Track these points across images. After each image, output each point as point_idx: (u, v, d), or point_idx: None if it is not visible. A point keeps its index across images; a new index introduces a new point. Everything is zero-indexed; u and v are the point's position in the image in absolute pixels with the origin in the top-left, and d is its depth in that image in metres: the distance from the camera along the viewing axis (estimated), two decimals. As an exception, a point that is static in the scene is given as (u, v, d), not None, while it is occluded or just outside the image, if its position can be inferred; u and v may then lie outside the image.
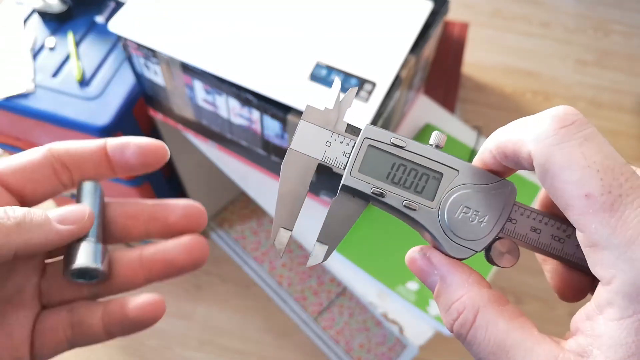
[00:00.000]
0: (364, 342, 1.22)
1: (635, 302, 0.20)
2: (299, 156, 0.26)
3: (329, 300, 1.27)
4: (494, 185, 0.26)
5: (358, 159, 0.26)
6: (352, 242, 0.89)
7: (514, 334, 0.22)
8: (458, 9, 1.82)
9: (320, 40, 0.73)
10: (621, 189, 0.20)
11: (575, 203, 0.21)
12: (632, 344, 0.20)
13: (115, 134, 0.89)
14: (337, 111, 0.27)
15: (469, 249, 0.25)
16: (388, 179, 0.26)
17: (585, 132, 0.21)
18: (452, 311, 0.24)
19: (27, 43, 0.94)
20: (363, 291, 0.88)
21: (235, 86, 0.72)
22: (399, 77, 0.71)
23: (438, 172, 0.26)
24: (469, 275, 0.25)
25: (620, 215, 0.20)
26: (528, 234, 0.26)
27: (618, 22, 1.91)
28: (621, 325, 0.20)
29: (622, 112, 1.72)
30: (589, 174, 0.21)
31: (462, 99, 1.64)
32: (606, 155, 0.21)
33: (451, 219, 0.25)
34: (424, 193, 0.26)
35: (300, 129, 0.27)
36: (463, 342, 0.24)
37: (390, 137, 0.26)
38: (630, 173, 0.21)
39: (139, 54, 0.78)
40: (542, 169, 0.22)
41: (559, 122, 0.22)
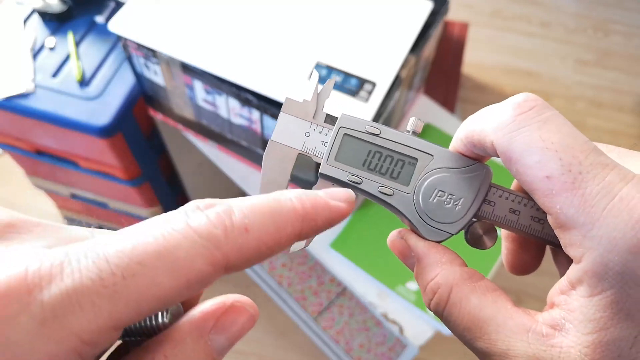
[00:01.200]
0: (364, 342, 1.22)
1: (603, 280, 0.20)
2: (280, 147, 0.27)
3: (329, 300, 1.27)
4: (469, 168, 0.26)
5: (334, 147, 0.27)
6: (352, 242, 0.89)
7: (486, 309, 0.23)
8: (458, 9, 1.82)
9: (320, 40, 0.73)
10: (581, 166, 0.20)
11: (539, 186, 0.21)
12: (600, 319, 0.20)
13: (116, 134, 0.89)
14: (315, 102, 0.27)
15: (444, 231, 0.26)
16: (364, 166, 0.27)
17: (544, 116, 0.22)
18: (428, 291, 0.25)
19: (27, 43, 0.94)
20: (363, 291, 0.88)
21: (235, 86, 0.72)
22: (399, 77, 0.71)
23: (413, 157, 0.26)
24: (442, 255, 0.25)
25: (583, 192, 0.20)
26: (507, 215, 0.26)
27: (618, 22, 1.91)
28: (590, 301, 0.20)
29: (622, 112, 1.72)
30: (547, 155, 0.21)
31: (462, 99, 1.64)
32: (565, 135, 0.21)
33: (426, 202, 0.26)
34: (400, 178, 0.26)
35: (280, 120, 0.27)
36: (441, 318, 0.24)
37: (366, 125, 0.27)
38: (590, 150, 0.21)
39: (139, 54, 0.78)
40: (505, 157, 0.22)
41: (517, 108, 0.22)
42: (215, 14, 0.75)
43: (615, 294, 0.20)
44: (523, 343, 0.21)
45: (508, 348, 0.22)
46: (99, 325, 0.16)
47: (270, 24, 0.75)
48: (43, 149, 1.03)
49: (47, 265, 0.16)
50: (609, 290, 0.20)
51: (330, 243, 0.90)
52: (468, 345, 0.24)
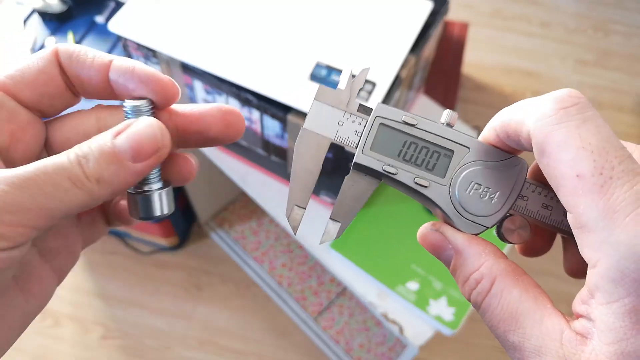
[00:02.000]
0: (364, 342, 1.22)
1: (620, 287, 0.20)
2: (312, 135, 0.27)
3: (329, 300, 1.27)
4: (505, 162, 0.26)
5: (370, 137, 0.26)
6: (352, 242, 0.89)
7: (526, 303, 0.23)
8: (458, 9, 1.82)
9: (320, 40, 0.73)
10: (613, 171, 0.20)
11: (567, 183, 0.21)
12: (620, 329, 0.20)
13: (115, 134, 0.89)
14: (349, 91, 0.27)
15: (480, 224, 0.26)
16: (400, 156, 0.26)
17: (585, 115, 0.22)
18: (471, 281, 0.25)
19: (27, 43, 0.94)
20: (363, 291, 0.88)
21: (235, 86, 0.72)
22: (399, 77, 0.71)
23: (449, 149, 0.26)
24: (485, 247, 0.25)
25: (609, 197, 0.20)
26: (540, 210, 0.26)
27: (618, 22, 1.91)
28: (609, 309, 0.20)
29: (622, 112, 1.72)
30: (582, 154, 0.21)
31: (462, 99, 1.64)
32: (603, 138, 0.21)
33: (462, 195, 0.26)
34: (435, 170, 0.26)
35: (313, 108, 0.27)
36: (478, 309, 0.25)
37: (402, 116, 0.26)
38: (624, 157, 0.21)
39: (139, 54, 0.78)
40: (539, 148, 0.22)
41: (559, 103, 0.22)
42: (215, 14, 0.75)
43: (633, 302, 0.20)
44: (556, 344, 0.22)
45: (541, 345, 0.22)
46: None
47: (270, 24, 0.75)
48: (43, 149, 1.03)
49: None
50: (626, 298, 0.20)
51: (330, 243, 0.90)
52: (500, 337, 0.24)
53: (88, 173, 0.22)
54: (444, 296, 0.85)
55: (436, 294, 0.85)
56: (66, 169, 0.21)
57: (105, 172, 0.22)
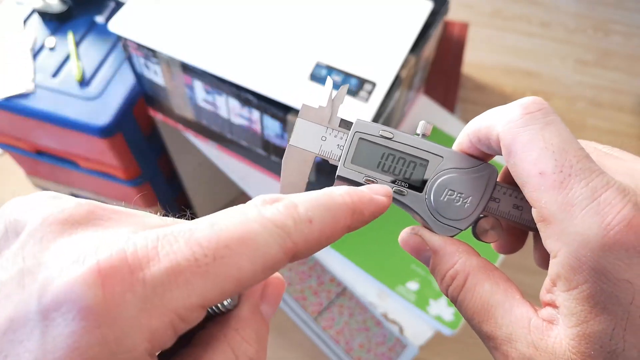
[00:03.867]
0: (364, 342, 1.22)
1: (578, 274, 0.21)
2: (298, 151, 0.29)
3: (329, 300, 1.27)
4: (476, 168, 0.28)
5: (350, 151, 0.28)
6: (352, 242, 0.89)
7: (496, 295, 0.25)
8: (458, 9, 1.82)
9: (320, 40, 0.73)
10: (571, 169, 0.22)
11: (531, 180, 0.23)
12: (580, 313, 0.22)
13: (115, 134, 0.89)
14: (330, 108, 0.29)
15: (455, 227, 0.28)
16: (379, 167, 0.28)
17: (548, 119, 0.24)
18: (447, 278, 0.26)
19: (27, 43, 0.94)
20: (363, 291, 0.88)
21: (235, 86, 0.72)
22: (399, 77, 0.71)
23: (424, 159, 0.28)
24: (459, 246, 0.27)
25: (568, 192, 0.22)
26: (511, 211, 0.28)
27: (618, 22, 1.91)
28: (570, 295, 0.22)
29: (622, 112, 1.72)
30: (545, 154, 0.23)
31: (462, 99, 1.64)
32: (563, 139, 0.23)
33: (437, 201, 0.28)
34: (412, 179, 0.28)
35: (298, 126, 0.29)
36: (455, 303, 0.26)
37: (379, 130, 0.28)
38: (583, 156, 0.23)
39: (139, 54, 0.78)
40: (507, 149, 0.24)
41: (525, 108, 0.24)
42: (215, 14, 0.75)
43: (590, 288, 0.21)
44: (524, 331, 0.23)
45: (511, 333, 0.24)
46: (191, 303, 0.18)
47: (270, 24, 0.75)
48: (43, 149, 1.03)
49: (142, 247, 0.18)
50: (584, 285, 0.21)
51: (330, 243, 0.90)
52: (476, 328, 0.25)
53: None
54: (444, 296, 0.85)
55: (436, 294, 0.85)
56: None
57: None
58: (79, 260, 0.17)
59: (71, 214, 0.19)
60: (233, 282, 0.18)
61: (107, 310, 0.16)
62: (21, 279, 0.17)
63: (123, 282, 0.17)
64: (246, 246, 0.18)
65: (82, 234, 0.19)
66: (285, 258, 0.19)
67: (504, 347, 0.24)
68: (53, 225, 0.19)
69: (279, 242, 0.19)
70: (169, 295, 0.17)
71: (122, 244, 0.18)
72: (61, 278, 0.17)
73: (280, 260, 0.19)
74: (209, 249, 0.18)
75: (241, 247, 0.18)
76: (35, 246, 0.18)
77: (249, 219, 0.19)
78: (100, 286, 0.17)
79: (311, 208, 0.20)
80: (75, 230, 0.19)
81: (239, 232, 0.19)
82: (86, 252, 0.17)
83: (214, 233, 0.18)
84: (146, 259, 0.17)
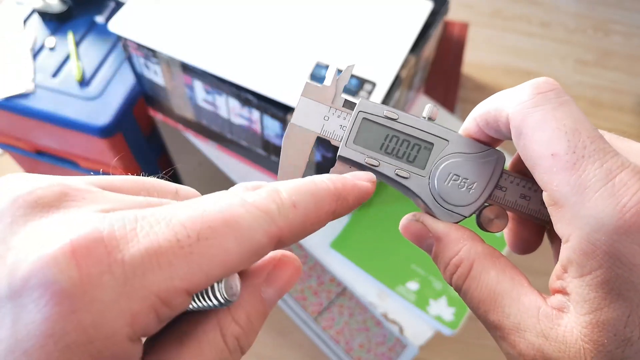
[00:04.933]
0: (364, 342, 1.22)
1: (591, 259, 0.20)
2: (299, 130, 0.28)
3: (329, 300, 1.27)
4: (483, 154, 0.27)
5: (353, 131, 0.27)
6: (352, 242, 0.89)
7: (504, 283, 0.24)
8: (458, 9, 1.82)
9: (320, 40, 0.73)
10: (585, 150, 0.21)
11: (542, 162, 0.22)
12: (594, 300, 0.21)
13: (115, 134, 0.89)
14: (334, 87, 0.28)
15: (458, 214, 0.27)
16: (382, 149, 0.27)
17: (561, 99, 0.23)
18: (451, 266, 0.25)
19: (27, 43, 0.94)
20: (363, 291, 0.87)
21: (235, 86, 0.72)
22: (399, 77, 0.71)
23: (429, 142, 0.27)
24: (464, 233, 0.26)
25: (581, 174, 0.21)
26: (517, 200, 0.27)
27: (618, 22, 1.91)
28: (583, 281, 0.21)
29: (622, 112, 1.72)
30: (557, 134, 0.22)
31: (462, 99, 1.64)
32: (577, 120, 0.22)
33: (441, 186, 0.27)
34: (416, 162, 0.27)
35: (300, 104, 0.28)
36: (459, 292, 0.25)
37: (384, 110, 0.27)
38: (596, 137, 0.22)
39: (139, 54, 0.78)
40: (517, 131, 0.23)
41: (537, 89, 0.23)
42: (215, 14, 0.75)
43: (605, 273, 0.20)
44: (533, 320, 0.22)
45: (519, 322, 0.23)
46: (175, 285, 0.17)
47: (270, 24, 0.75)
48: (43, 149, 1.03)
49: (120, 227, 0.17)
50: (598, 270, 0.20)
51: (330, 243, 0.90)
52: (481, 318, 0.24)
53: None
54: (444, 296, 0.85)
55: (436, 294, 0.85)
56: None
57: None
58: (50, 241, 0.16)
59: (42, 196, 0.18)
60: (218, 265, 0.17)
61: (83, 293, 0.15)
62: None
63: (100, 262, 0.16)
64: (231, 228, 0.18)
65: (54, 215, 0.17)
66: (270, 243, 0.19)
67: (512, 336, 0.23)
68: (23, 208, 0.17)
69: (264, 226, 0.18)
70: (151, 277, 0.16)
71: (96, 223, 0.17)
72: (31, 260, 0.16)
73: (264, 245, 0.19)
74: (192, 230, 0.17)
75: (226, 229, 0.17)
76: (4, 230, 0.17)
77: (232, 203, 0.18)
78: (74, 267, 0.15)
79: (295, 193, 0.20)
80: (47, 213, 0.17)
81: (223, 214, 0.18)
82: (58, 233, 0.16)
83: (197, 214, 0.18)
84: (124, 239, 0.16)
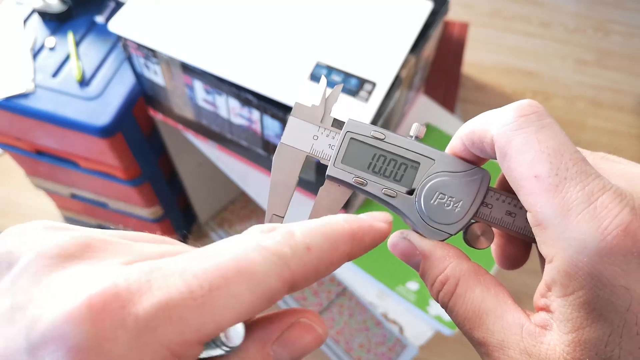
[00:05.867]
0: (364, 342, 1.22)
1: (574, 280, 0.21)
2: (289, 149, 0.29)
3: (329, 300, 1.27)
4: (468, 172, 0.27)
5: (341, 151, 0.28)
6: (352, 242, 0.89)
7: (488, 301, 0.24)
8: (458, 9, 1.82)
9: (320, 40, 0.73)
10: (567, 172, 0.22)
11: (526, 184, 0.23)
12: (576, 319, 0.21)
13: (116, 134, 0.89)
14: (323, 107, 0.29)
15: (444, 232, 0.27)
16: (369, 168, 0.28)
17: (543, 122, 0.23)
18: (437, 283, 0.26)
19: (27, 43, 0.94)
20: (363, 291, 0.88)
21: (235, 86, 0.72)
22: (399, 77, 0.71)
23: (415, 161, 0.28)
24: (449, 250, 0.26)
25: (564, 196, 0.21)
26: (503, 217, 0.27)
27: (618, 22, 1.91)
28: (566, 301, 0.21)
29: (622, 112, 1.72)
30: (540, 157, 0.22)
31: (462, 99, 1.64)
32: (559, 142, 0.22)
33: (427, 204, 0.27)
34: (403, 181, 0.28)
35: (290, 124, 0.29)
36: (446, 309, 0.26)
37: (371, 130, 0.28)
38: (579, 159, 0.22)
39: (139, 54, 0.78)
40: (502, 152, 0.24)
41: (520, 111, 0.23)
42: (215, 14, 0.75)
43: (587, 294, 0.21)
44: (517, 337, 0.23)
45: (503, 340, 0.23)
46: (186, 338, 0.17)
47: (270, 24, 0.75)
48: (43, 149, 1.03)
49: (135, 281, 0.17)
50: (580, 291, 0.21)
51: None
52: (467, 335, 0.25)
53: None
54: (444, 296, 0.85)
55: (436, 294, 0.86)
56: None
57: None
58: (70, 295, 0.16)
59: (66, 247, 0.18)
60: (231, 313, 0.17)
61: (97, 348, 0.16)
62: (12, 315, 0.17)
63: (114, 317, 0.16)
64: (244, 276, 0.18)
65: (76, 267, 0.18)
66: (284, 288, 0.19)
67: (496, 353, 0.23)
68: (47, 259, 0.18)
69: (277, 271, 0.18)
70: (162, 330, 0.16)
71: (114, 278, 0.17)
72: (50, 314, 0.16)
73: (278, 290, 0.18)
74: (205, 280, 0.17)
75: (239, 277, 0.18)
76: (28, 280, 0.17)
77: (247, 248, 0.18)
78: (90, 322, 0.16)
79: (309, 235, 0.20)
80: (70, 264, 0.18)
81: (237, 262, 0.18)
82: (78, 287, 0.17)
83: (210, 264, 0.18)
84: (139, 293, 0.17)
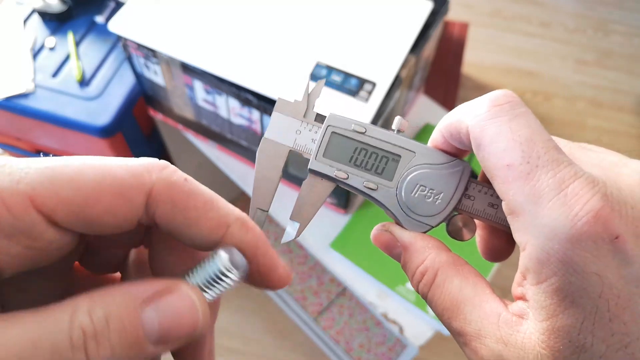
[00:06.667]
0: (364, 342, 1.22)
1: (546, 267, 0.21)
2: (272, 144, 0.29)
3: (329, 300, 1.27)
4: (449, 164, 0.27)
5: (322, 145, 0.28)
6: (352, 242, 0.89)
7: (466, 290, 0.24)
8: (458, 9, 1.82)
9: (320, 40, 0.73)
10: (539, 160, 0.22)
11: (499, 173, 0.23)
12: (550, 307, 0.21)
13: (116, 134, 0.89)
14: (306, 102, 0.29)
15: (425, 224, 0.27)
16: (351, 162, 0.28)
17: (517, 111, 0.23)
18: (417, 274, 0.26)
19: (27, 43, 0.94)
20: (363, 291, 0.87)
21: (235, 86, 0.72)
22: (399, 77, 0.71)
23: (396, 154, 0.28)
24: (429, 242, 0.27)
25: (535, 183, 0.21)
26: (485, 209, 0.27)
27: (618, 22, 1.91)
28: (539, 289, 0.22)
29: (622, 112, 1.72)
30: (512, 145, 0.22)
31: (462, 99, 1.64)
32: (532, 131, 0.22)
33: (408, 197, 0.27)
34: (384, 174, 0.28)
35: (273, 119, 0.29)
36: (426, 300, 0.26)
37: (352, 124, 0.28)
38: (551, 147, 0.22)
39: (139, 54, 0.78)
40: (476, 142, 0.24)
41: (494, 101, 0.24)
42: (215, 14, 0.75)
43: (559, 281, 0.21)
44: (493, 326, 0.23)
45: (480, 329, 0.23)
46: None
47: (271, 24, 0.75)
48: (43, 149, 1.03)
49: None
50: (552, 278, 0.21)
51: (330, 243, 0.90)
52: (447, 325, 0.25)
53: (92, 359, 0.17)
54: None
55: (436, 294, 0.86)
56: (63, 355, 0.16)
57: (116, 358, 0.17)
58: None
59: None
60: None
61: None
62: None
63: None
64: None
65: None
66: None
67: (474, 343, 0.23)
68: None
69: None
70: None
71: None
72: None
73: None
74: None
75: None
76: None
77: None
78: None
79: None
80: None
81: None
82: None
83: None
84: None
